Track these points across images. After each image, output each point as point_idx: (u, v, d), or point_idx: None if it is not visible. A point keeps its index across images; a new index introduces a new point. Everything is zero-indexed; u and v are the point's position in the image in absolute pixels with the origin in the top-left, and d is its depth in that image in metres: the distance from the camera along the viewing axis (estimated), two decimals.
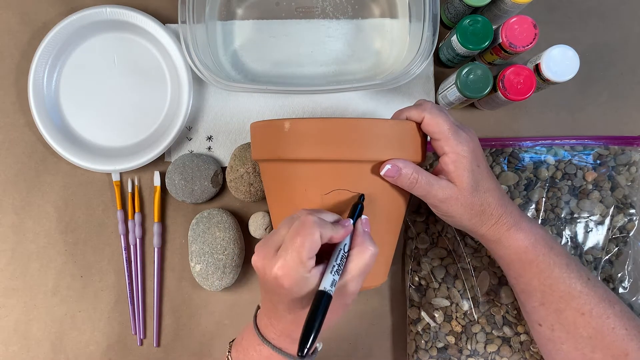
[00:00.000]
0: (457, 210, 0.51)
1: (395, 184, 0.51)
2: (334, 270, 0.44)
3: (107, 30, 0.70)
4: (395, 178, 0.50)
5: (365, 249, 0.45)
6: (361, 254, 0.45)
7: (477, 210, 0.51)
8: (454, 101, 0.65)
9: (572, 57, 0.59)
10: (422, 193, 0.51)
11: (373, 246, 0.45)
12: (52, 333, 0.69)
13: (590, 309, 0.52)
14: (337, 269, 0.44)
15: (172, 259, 0.70)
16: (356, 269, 0.44)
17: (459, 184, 0.50)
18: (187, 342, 0.69)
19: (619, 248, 0.65)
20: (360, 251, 0.45)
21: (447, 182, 0.51)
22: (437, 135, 0.51)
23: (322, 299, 0.42)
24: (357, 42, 0.70)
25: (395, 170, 0.50)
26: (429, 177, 0.50)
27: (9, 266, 0.70)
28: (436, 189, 0.50)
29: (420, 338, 0.65)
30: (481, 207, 0.51)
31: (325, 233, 0.44)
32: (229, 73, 0.70)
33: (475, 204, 0.51)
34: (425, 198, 0.52)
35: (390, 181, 0.51)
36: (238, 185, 0.66)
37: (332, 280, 0.43)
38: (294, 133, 0.50)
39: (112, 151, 0.70)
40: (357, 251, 0.45)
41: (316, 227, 0.43)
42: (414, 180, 0.50)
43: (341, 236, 0.45)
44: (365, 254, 0.45)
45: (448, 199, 0.50)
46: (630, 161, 0.66)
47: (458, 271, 0.65)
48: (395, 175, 0.50)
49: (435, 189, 0.50)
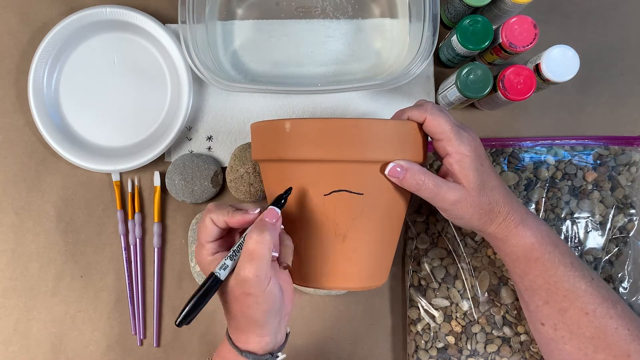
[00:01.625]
0: (467, 211, 0.51)
1: (401, 185, 0.50)
2: (228, 256, 0.47)
3: (107, 30, 0.70)
4: (401, 179, 0.50)
5: (249, 235, 0.45)
6: (248, 240, 0.45)
7: (485, 209, 0.51)
8: (454, 101, 0.65)
9: (572, 57, 0.59)
10: (429, 195, 0.50)
11: (257, 234, 0.45)
12: (52, 333, 0.69)
13: (593, 309, 0.52)
14: (230, 254, 0.47)
15: (172, 259, 0.70)
16: (242, 255, 0.45)
17: (466, 184, 0.50)
18: (187, 342, 0.69)
19: (619, 248, 0.65)
20: (248, 238, 0.45)
21: (454, 184, 0.50)
22: (439, 135, 0.50)
23: (207, 278, 0.46)
24: (357, 42, 0.70)
25: (399, 171, 0.49)
26: (436, 179, 0.50)
27: (9, 266, 0.70)
28: (445, 190, 0.50)
29: (420, 338, 0.65)
30: (489, 205, 0.51)
31: (218, 218, 0.48)
32: (229, 73, 0.70)
33: (484, 202, 0.51)
34: (434, 201, 0.51)
35: (395, 182, 0.50)
36: (238, 185, 0.66)
37: (223, 264, 0.46)
38: (294, 133, 0.50)
39: (112, 151, 0.70)
40: (247, 237, 0.45)
41: (207, 213, 0.48)
42: (421, 182, 0.50)
43: (236, 221, 0.47)
44: (248, 238, 0.45)
45: (458, 201, 0.50)
46: (630, 161, 0.66)
47: (458, 271, 0.65)
48: (399, 176, 0.49)
49: (444, 191, 0.50)
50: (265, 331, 0.48)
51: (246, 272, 0.44)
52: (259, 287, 0.45)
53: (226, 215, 0.47)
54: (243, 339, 0.49)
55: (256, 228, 0.45)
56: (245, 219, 0.47)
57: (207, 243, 0.48)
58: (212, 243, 0.49)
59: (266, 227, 0.45)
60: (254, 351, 0.48)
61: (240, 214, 0.47)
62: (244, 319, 0.47)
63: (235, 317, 0.48)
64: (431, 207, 0.67)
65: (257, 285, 0.45)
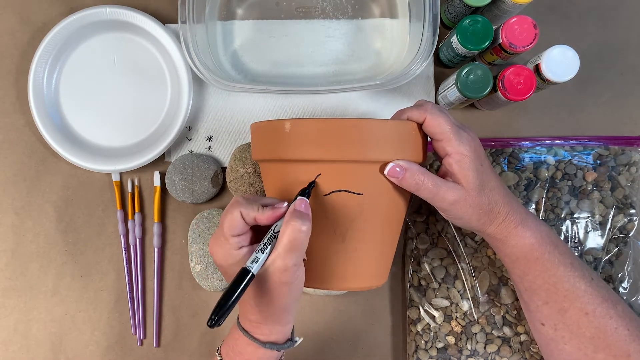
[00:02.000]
0: (467, 211, 0.51)
1: (400, 185, 0.50)
2: (259, 249, 0.46)
3: (107, 30, 0.70)
4: (400, 179, 0.50)
5: (291, 225, 0.45)
6: (287, 231, 0.45)
7: (485, 210, 0.51)
8: (454, 101, 0.65)
9: (572, 57, 0.59)
10: (428, 195, 0.50)
11: (301, 223, 0.45)
12: (52, 333, 0.69)
13: (593, 309, 0.52)
14: (261, 247, 0.46)
15: (172, 259, 0.70)
16: (281, 245, 0.45)
17: (466, 184, 0.50)
18: (187, 342, 0.69)
19: (619, 248, 0.65)
20: (287, 227, 0.45)
21: (454, 184, 0.50)
22: (439, 136, 0.50)
23: (239, 275, 0.44)
24: (357, 42, 0.70)
25: (399, 171, 0.49)
26: (435, 179, 0.50)
27: (9, 266, 0.70)
28: (444, 190, 0.50)
29: (420, 338, 0.65)
30: (489, 205, 0.51)
31: (249, 213, 0.46)
32: (229, 73, 0.70)
33: (483, 203, 0.51)
34: (433, 201, 0.51)
35: (395, 182, 0.50)
36: (238, 185, 0.66)
37: (254, 258, 0.45)
38: (294, 133, 0.50)
39: (112, 151, 0.70)
40: (283, 229, 0.45)
41: (236, 206, 0.47)
42: (420, 182, 0.50)
43: (266, 217, 0.47)
44: (289, 229, 0.45)
45: (457, 201, 0.50)
46: (630, 161, 0.66)
47: (458, 271, 0.65)
48: (399, 176, 0.50)
49: (443, 191, 0.50)
50: (290, 318, 0.49)
51: (287, 262, 0.44)
52: (296, 275, 0.45)
53: (256, 211, 0.47)
54: (266, 332, 0.49)
55: (295, 217, 0.45)
56: (275, 215, 0.47)
57: (232, 237, 0.47)
58: (238, 237, 0.47)
59: (306, 217, 0.45)
60: (276, 341, 0.49)
61: (270, 210, 0.47)
62: (273, 309, 0.47)
63: (262, 309, 0.48)
64: (431, 207, 0.67)
65: (295, 273, 0.45)
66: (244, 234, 0.48)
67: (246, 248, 0.48)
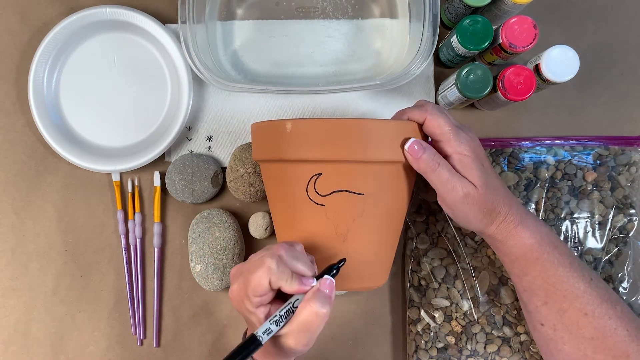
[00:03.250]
0: (473, 209, 0.51)
1: (415, 165, 0.50)
2: (274, 320, 0.44)
3: (107, 30, 0.70)
4: (418, 158, 0.49)
5: (309, 306, 0.43)
6: (304, 311, 0.43)
7: (488, 209, 0.51)
8: (454, 101, 0.65)
9: (572, 57, 0.59)
10: (440, 181, 0.50)
11: (320, 307, 0.43)
12: (52, 333, 0.69)
13: (592, 310, 0.52)
14: (277, 319, 0.44)
15: (172, 259, 0.70)
16: (296, 323, 0.44)
17: (473, 182, 0.50)
18: (187, 342, 0.69)
19: (619, 248, 0.65)
20: (305, 308, 0.43)
21: (466, 179, 0.50)
22: (439, 136, 0.51)
23: (248, 341, 0.43)
24: (357, 42, 0.70)
25: (417, 149, 0.49)
26: (450, 167, 0.50)
27: (9, 266, 0.70)
28: (456, 180, 0.50)
29: (420, 338, 0.65)
30: (492, 205, 0.51)
31: (277, 282, 0.44)
32: (229, 73, 0.70)
33: (487, 202, 0.51)
34: (443, 190, 0.50)
35: (410, 161, 0.50)
36: (238, 185, 0.66)
37: (267, 329, 0.43)
38: (295, 133, 0.50)
39: (112, 151, 0.70)
40: (302, 307, 0.44)
41: (267, 273, 0.44)
42: (436, 166, 0.49)
43: (294, 291, 0.45)
44: (307, 310, 0.43)
45: (467, 195, 0.50)
46: (630, 161, 0.66)
47: (458, 271, 0.65)
48: (417, 155, 0.49)
49: (456, 181, 0.50)
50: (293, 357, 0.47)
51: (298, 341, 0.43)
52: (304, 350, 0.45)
53: (284, 281, 0.44)
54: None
55: (316, 299, 0.43)
56: (301, 290, 0.45)
57: (254, 297, 0.45)
58: (260, 297, 0.45)
59: (327, 301, 0.44)
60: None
61: (297, 284, 0.45)
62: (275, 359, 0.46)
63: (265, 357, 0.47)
64: (431, 207, 0.67)
65: (303, 350, 0.44)
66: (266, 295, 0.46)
67: (263, 307, 0.46)
